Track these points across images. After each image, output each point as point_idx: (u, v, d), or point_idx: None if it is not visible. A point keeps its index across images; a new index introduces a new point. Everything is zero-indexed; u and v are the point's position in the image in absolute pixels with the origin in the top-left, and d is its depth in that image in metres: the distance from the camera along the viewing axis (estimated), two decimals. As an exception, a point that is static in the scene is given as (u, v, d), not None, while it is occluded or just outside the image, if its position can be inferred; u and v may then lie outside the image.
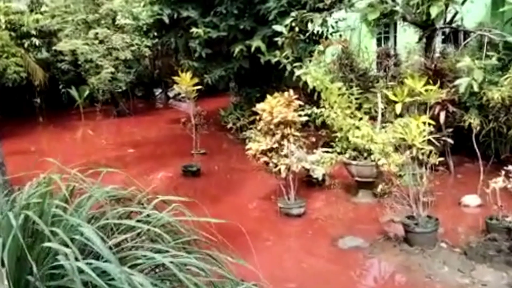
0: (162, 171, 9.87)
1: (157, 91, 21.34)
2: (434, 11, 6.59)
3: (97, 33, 15.69)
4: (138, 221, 2.61)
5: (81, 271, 1.99)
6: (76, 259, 1.98)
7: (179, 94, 17.02)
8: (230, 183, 8.79)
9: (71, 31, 16.36)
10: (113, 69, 15.79)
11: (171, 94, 20.49)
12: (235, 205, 7.45)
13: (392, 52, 12.33)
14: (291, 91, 6.59)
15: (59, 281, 2.19)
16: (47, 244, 2.06)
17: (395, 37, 14.02)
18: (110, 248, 2.26)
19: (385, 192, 5.86)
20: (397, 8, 7.41)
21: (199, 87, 9.20)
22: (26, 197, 2.60)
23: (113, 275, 2.07)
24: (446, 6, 6.99)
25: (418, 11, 7.67)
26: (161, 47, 16.88)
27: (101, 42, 15.78)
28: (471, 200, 6.63)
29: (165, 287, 2.29)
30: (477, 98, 7.53)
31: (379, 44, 14.42)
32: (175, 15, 12.03)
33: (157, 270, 2.46)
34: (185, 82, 8.88)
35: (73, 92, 17.51)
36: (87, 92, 17.20)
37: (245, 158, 7.45)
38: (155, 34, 14.50)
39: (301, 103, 6.82)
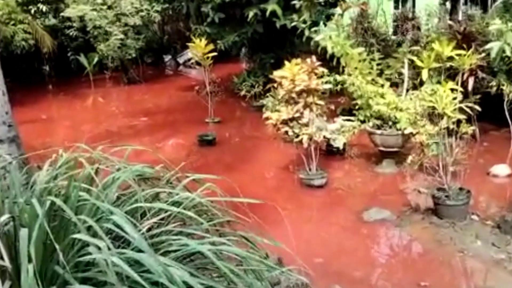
0: (177, 139, 9.67)
1: (167, 58, 20.92)
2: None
3: (105, -2, 15.32)
4: (171, 203, 2.41)
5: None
6: (108, 248, 1.79)
7: (189, 60, 16.69)
8: (247, 152, 8.57)
9: (79, -3, 15.99)
10: (122, 36, 15.44)
11: (180, 61, 20.12)
12: (254, 174, 7.24)
13: (410, 15, 11.83)
14: (313, 58, 6.29)
15: (88, 272, 2.01)
16: (78, 236, 1.87)
17: (413, -2, 13.52)
18: (142, 234, 2.07)
19: (415, 163, 5.61)
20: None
21: (213, 53, 8.91)
22: (47, 178, 2.41)
23: (147, 266, 1.89)
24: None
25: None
26: (171, 12, 16.42)
27: (109, 7, 15.38)
28: (501, 169, 6.37)
29: (204, 278, 2.09)
30: (505, 63, 7.20)
31: (396, 7, 13.90)
32: (186, -22, 11.65)
33: (192, 258, 2.26)
34: (200, 49, 8.58)
35: (82, 59, 17.18)
36: (96, 59, 16.87)
37: (260, 126, 7.21)
38: (166, -2, 14.10)
39: (324, 69, 6.54)
